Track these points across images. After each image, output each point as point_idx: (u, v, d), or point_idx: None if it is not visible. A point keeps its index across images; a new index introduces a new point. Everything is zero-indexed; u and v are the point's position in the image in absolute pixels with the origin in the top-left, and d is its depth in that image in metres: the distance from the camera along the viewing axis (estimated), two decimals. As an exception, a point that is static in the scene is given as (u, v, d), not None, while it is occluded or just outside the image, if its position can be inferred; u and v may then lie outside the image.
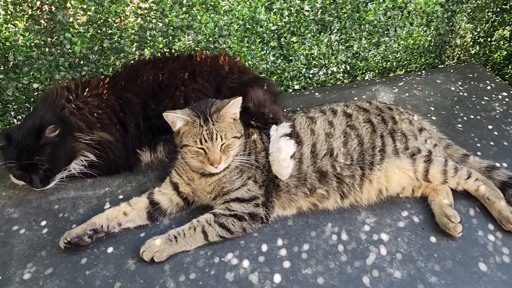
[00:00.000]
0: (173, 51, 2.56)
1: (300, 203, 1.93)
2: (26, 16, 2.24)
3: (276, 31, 2.76)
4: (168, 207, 1.92)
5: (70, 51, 2.37)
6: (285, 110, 2.47)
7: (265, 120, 2.00)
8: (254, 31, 2.68)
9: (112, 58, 2.52)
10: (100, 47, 2.43)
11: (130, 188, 2.10)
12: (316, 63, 2.99)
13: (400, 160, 1.97)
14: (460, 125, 2.53)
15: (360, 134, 2.01)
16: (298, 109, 2.64)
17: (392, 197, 2.00)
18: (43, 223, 1.91)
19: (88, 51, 2.40)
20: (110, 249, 1.77)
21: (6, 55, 2.28)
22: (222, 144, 1.73)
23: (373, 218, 1.93)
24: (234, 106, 1.76)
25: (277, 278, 1.65)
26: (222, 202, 1.85)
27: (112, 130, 2.09)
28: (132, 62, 2.41)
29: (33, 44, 2.32)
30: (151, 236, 1.80)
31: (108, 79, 2.23)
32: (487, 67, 3.49)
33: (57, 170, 1.98)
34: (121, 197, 2.04)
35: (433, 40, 3.21)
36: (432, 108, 2.69)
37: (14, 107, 2.45)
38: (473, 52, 3.41)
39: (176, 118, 1.73)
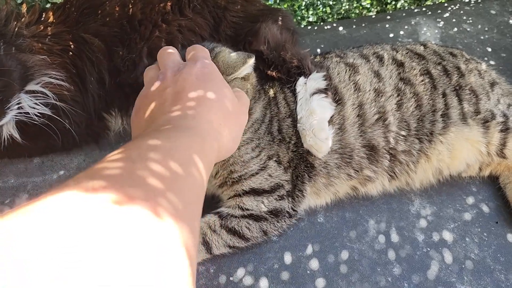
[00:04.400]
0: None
1: (339, 187, 1.39)
2: None
3: None
4: None
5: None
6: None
7: (288, 70, 1.38)
8: None
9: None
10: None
11: (96, 171, 1.50)
12: (340, -14, 2.29)
13: (469, 129, 1.43)
14: (526, 72, 1.96)
15: (418, 91, 1.44)
16: (319, 51, 2.03)
17: (452, 177, 1.49)
18: (-30, 228, 1.33)
19: (22, -34, 1.64)
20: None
21: None
22: None
23: (430, 208, 1.44)
24: (246, 70, 1.15)
25: (309, 306, 1.15)
26: (232, 194, 1.29)
27: (69, 85, 1.44)
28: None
29: None
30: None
31: (54, 9, 1.52)
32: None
33: (9, 91, 1.29)
34: (82, 184, 1.45)
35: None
36: (489, 49, 2.08)
37: None
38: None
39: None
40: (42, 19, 1.47)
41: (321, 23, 2.32)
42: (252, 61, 1.14)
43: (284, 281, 1.22)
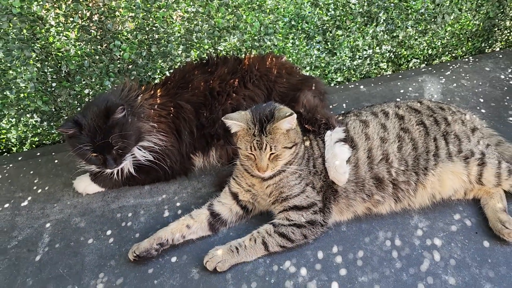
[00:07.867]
0: (218, 51, 2.56)
1: (356, 208, 1.96)
2: (77, 27, 2.27)
3: (321, 26, 2.71)
4: (228, 217, 1.99)
5: (119, 57, 2.40)
6: (331, 106, 2.46)
7: (319, 126, 2.01)
8: (299, 27, 2.63)
9: (159, 61, 2.54)
10: (148, 52, 2.45)
11: (186, 195, 2.17)
12: (361, 55, 2.93)
13: (453, 164, 1.95)
14: (511, 119, 2.46)
15: (414, 137, 1.99)
16: (339, 107, 2.62)
17: (444, 200, 1.99)
18: (109, 232, 2.02)
19: (136, 57, 2.43)
20: (173, 259, 1.86)
21: (59, 64, 2.33)
22: (271, 154, 1.76)
23: (425, 222, 1.94)
24: (287, 122, 1.75)
25: (334, 286, 1.69)
26: (281, 209, 1.89)
27: (170, 137, 2.15)
28: (180, 66, 2.42)
29: (84, 53, 2.37)
30: (210, 244, 1.87)
31: (159, 85, 2.26)
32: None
33: (127, 149, 2.02)
34: (178, 204, 2.12)
35: (481, 24, 3.07)
36: (481, 100, 2.62)
37: (67, 112, 2.53)
38: (522, 33, 3.25)
39: (233, 125, 1.77)
40: (153, 93, 2.19)
41: (347, 82, 2.95)
42: (292, 117, 1.73)
43: (317, 270, 1.77)
